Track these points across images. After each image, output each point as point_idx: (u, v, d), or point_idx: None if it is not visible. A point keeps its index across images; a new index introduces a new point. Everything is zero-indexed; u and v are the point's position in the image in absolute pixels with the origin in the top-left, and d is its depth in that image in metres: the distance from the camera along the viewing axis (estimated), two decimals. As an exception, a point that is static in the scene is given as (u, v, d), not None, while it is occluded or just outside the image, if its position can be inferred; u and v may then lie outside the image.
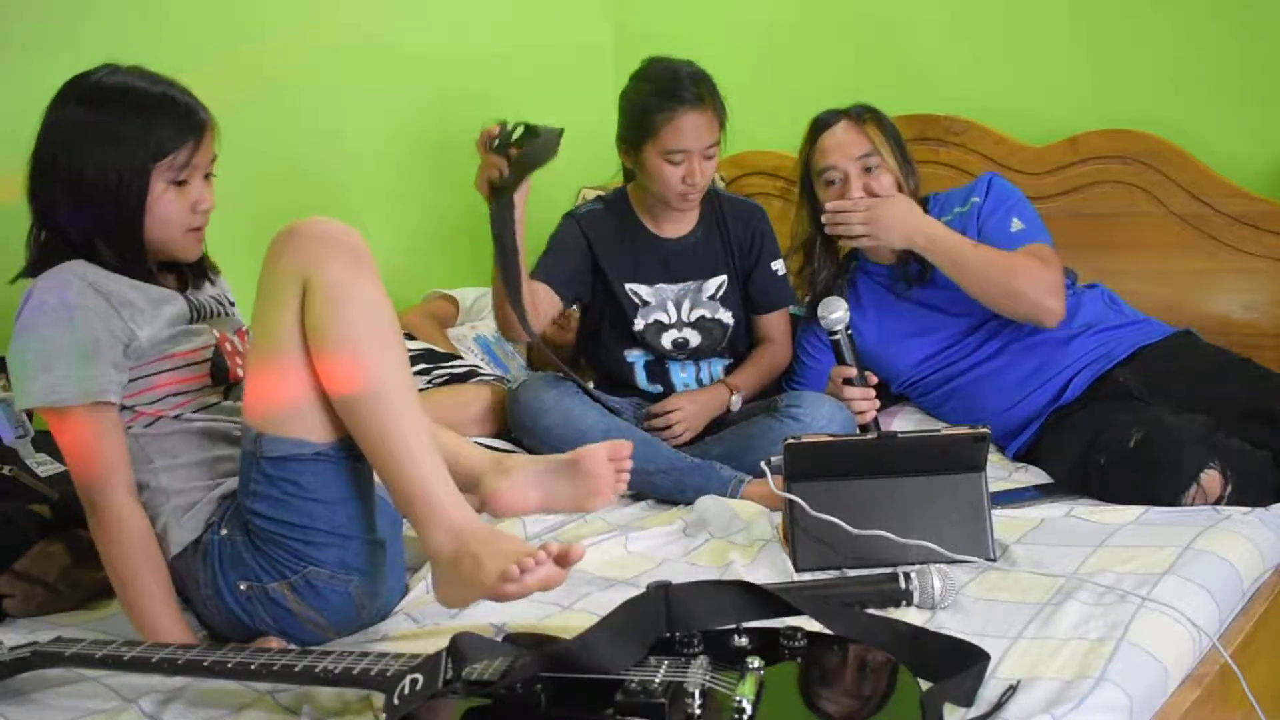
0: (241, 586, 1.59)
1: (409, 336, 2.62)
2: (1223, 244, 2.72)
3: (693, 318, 2.51)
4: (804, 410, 2.28)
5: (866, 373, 2.34)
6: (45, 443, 2.08)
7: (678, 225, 2.53)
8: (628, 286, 2.51)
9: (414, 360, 2.52)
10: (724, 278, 2.53)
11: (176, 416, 1.66)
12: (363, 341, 1.52)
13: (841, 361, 2.33)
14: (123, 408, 1.63)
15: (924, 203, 2.49)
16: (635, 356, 2.54)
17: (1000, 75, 2.99)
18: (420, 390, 2.43)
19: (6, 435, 2.02)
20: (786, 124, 2.48)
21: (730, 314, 2.53)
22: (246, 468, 1.57)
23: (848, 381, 2.31)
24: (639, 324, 2.51)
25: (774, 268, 2.55)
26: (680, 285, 2.52)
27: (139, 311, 1.63)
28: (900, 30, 3.11)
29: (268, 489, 1.56)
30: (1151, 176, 2.78)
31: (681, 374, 2.54)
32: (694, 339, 2.52)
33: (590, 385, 2.45)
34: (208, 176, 1.69)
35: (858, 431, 2.29)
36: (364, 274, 1.54)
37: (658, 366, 2.54)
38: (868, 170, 2.40)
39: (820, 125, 2.45)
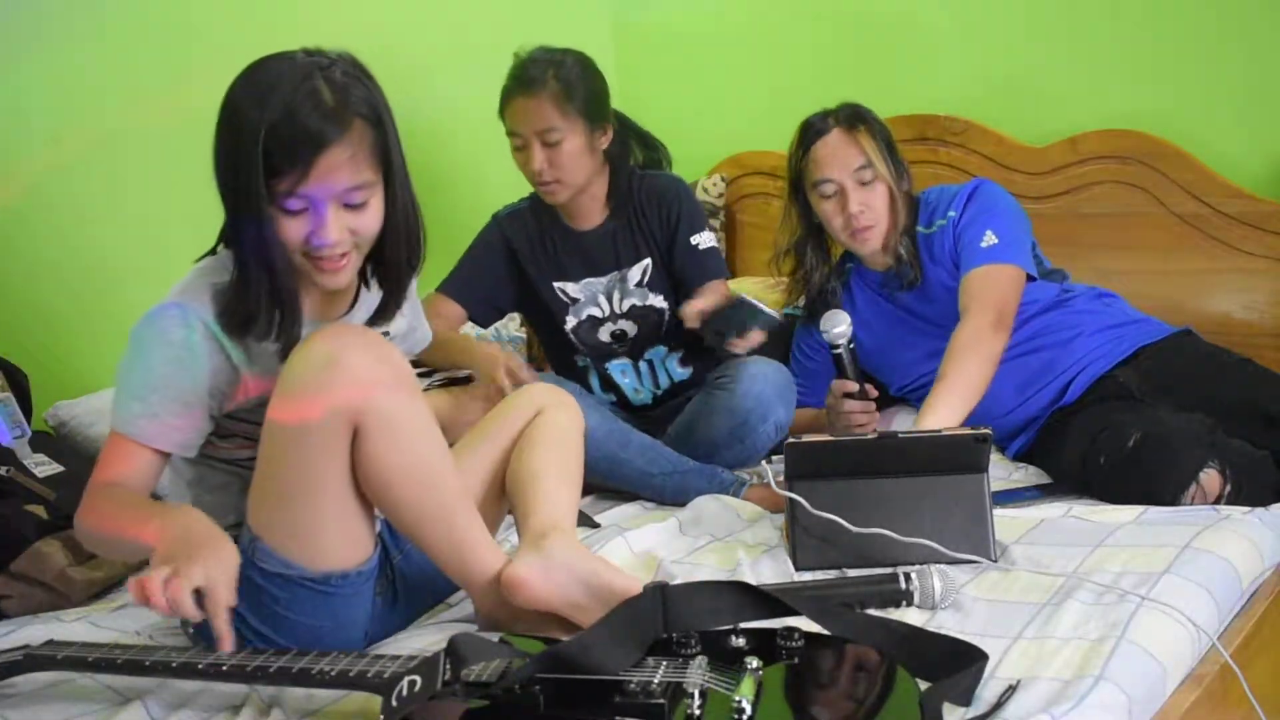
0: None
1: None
2: (1223, 244, 2.72)
3: (624, 308, 2.48)
4: (730, 376, 2.30)
5: (867, 386, 2.34)
6: (43, 443, 2.08)
7: (591, 215, 2.47)
8: (555, 285, 2.48)
9: (414, 363, 2.52)
10: (647, 261, 2.47)
11: (238, 459, 1.62)
12: (432, 466, 1.51)
13: (843, 374, 2.33)
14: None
15: (915, 202, 2.48)
16: (586, 362, 2.52)
17: (1000, 75, 2.99)
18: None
19: (4, 436, 2.02)
20: (786, 124, 2.47)
21: (660, 297, 2.48)
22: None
23: (849, 395, 2.32)
24: (570, 322, 2.48)
25: (694, 242, 2.46)
26: (606, 277, 2.47)
27: (249, 372, 1.56)
28: (900, 30, 3.10)
29: (249, 597, 1.49)
30: (1151, 176, 2.78)
31: (623, 378, 2.52)
32: (630, 329, 2.48)
33: None
34: (351, 206, 1.50)
35: (793, 388, 2.32)
36: (418, 399, 1.51)
37: (604, 372, 2.52)
38: (863, 183, 2.39)
39: (812, 132, 2.42)
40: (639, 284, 2.47)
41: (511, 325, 2.90)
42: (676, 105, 2.47)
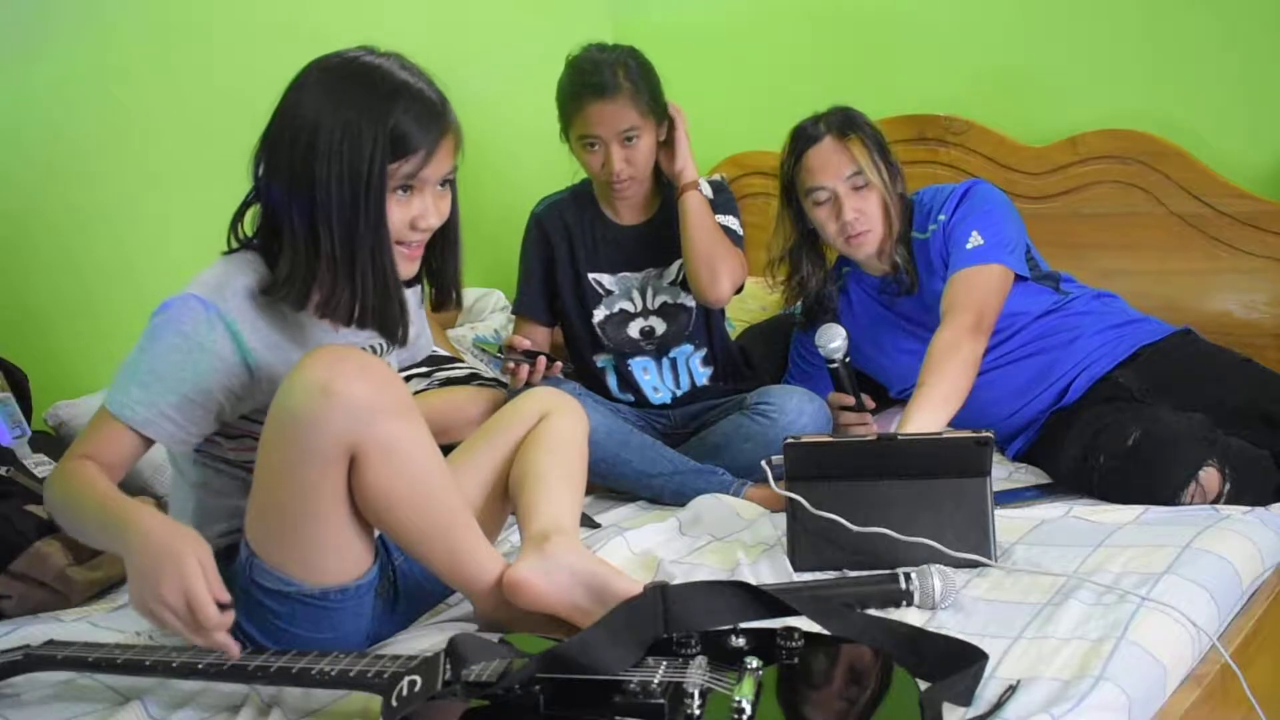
0: None
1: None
2: (1223, 244, 2.72)
3: (656, 304, 2.49)
4: (773, 406, 2.28)
5: (864, 397, 2.34)
6: (43, 443, 2.08)
7: (636, 211, 2.50)
8: (591, 276, 2.49)
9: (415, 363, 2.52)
10: (682, 260, 2.47)
11: (245, 461, 1.60)
12: (431, 487, 1.50)
13: (840, 388, 2.34)
14: (208, 439, 1.58)
15: (909, 204, 2.48)
16: (604, 362, 2.52)
17: (1000, 75, 2.99)
18: (419, 391, 2.44)
19: (4, 436, 2.02)
20: (786, 124, 2.47)
21: (692, 298, 2.48)
22: (239, 574, 1.52)
23: (845, 408, 2.32)
24: (599, 315, 2.49)
25: (721, 220, 2.46)
26: (642, 272, 2.49)
27: (267, 375, 1.55)
28: (900, 30, 3.11)
29: (248, 611, 1.50)
30: (1151, 176, 2.78)
31: (644, 376, 2.51)
32: (660, 327, 2.49)
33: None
34: (445, 183, 1.57)
35: (831, 425, 2.30)
36: (415, 422, 1.49)
37: (624, 370, 2.51)
38: (856, 189, 2.38)
39: (804, 139, 2.40)
40: (673, 282, 2.49)
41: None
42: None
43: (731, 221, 2.49)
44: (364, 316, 1.53)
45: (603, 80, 2.33)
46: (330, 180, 1.47)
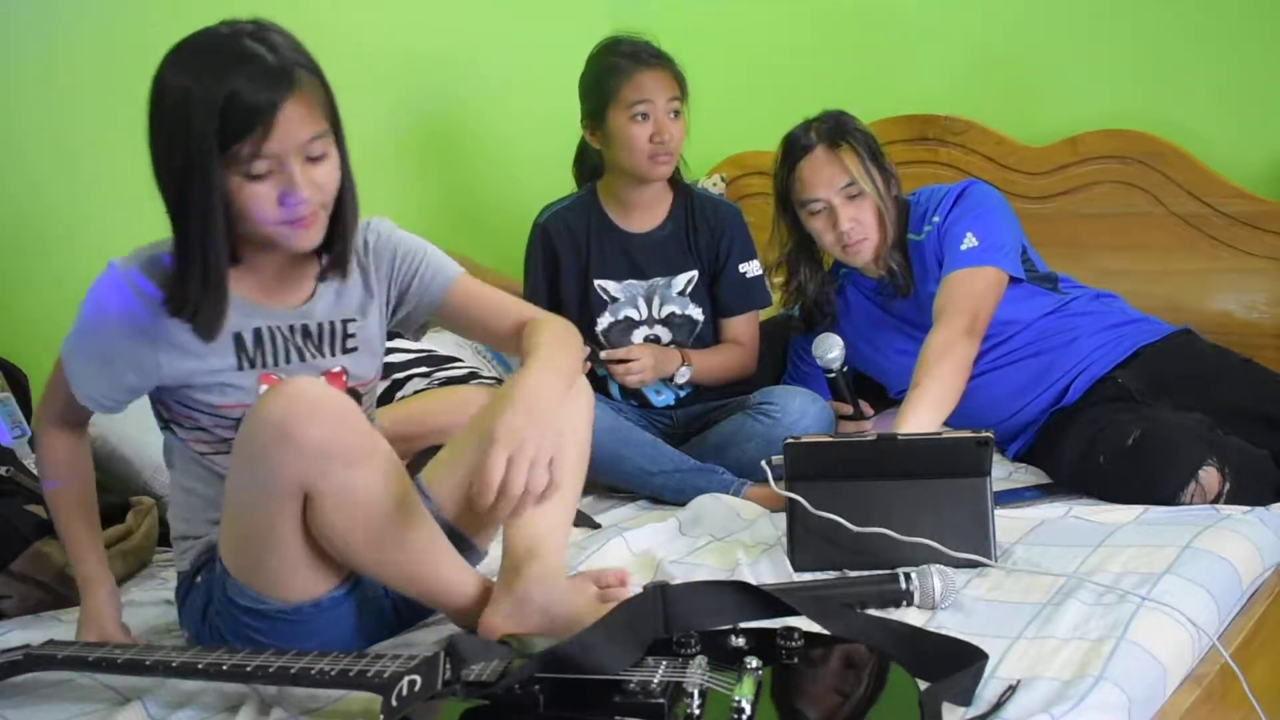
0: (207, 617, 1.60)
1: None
2: (1223, 244, 2.72)
3: (663, 314, 2.50)
4: (776, 406, 2.29)
5: (862, 404, 2.34)
6: (43, 443, 2.07)
7: (646, 218, 2.50)
8: (597, 283, 2.49)
9: (414, 362, 2.52)
10: (694, 273, 2.50)
11: (201, 454, 1.60)
12: (387, 531, 1.48)
13: (839, 397, 2.34)
14: (165, 421, 1.62)
15: (905, 206, 2.48)
16: (606, 370, 2.52)
17: (1000, 75, 2.99)
18: (419, 391, 2.44)
19: (4, 436, 2.02)
20: (787, 125, 2.47)
21: (700, 310, 2.50)
22: (216, 586, 1.54)
23: (844, 417, 2.32)
24: (603, 322, 2.48)
25: (743, 270, 2.52)
26: (649, 281, 2.50)
27: (181, 354, 1.54)
28: (900, 30, 3.11)
29: (229, 622, 1.53)
30: (1151, 176, 2.78)
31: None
32: (664, 336, 2.50)
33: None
34: (313, 159, 1.48)
35: (834, 426, 2.31)
36: (371, 465, 1.46)
37: None
38: (850, 198, 2.38)
39: (797, 149, 2.41)
40: (681, 293, 2.49)
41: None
42: (676, 105, 2.50)
43: (752, 266, 2.54)
44: (182, 305, 1.49)
45: (650, 51, 2.43)
46: (161, 150, 1.47)
